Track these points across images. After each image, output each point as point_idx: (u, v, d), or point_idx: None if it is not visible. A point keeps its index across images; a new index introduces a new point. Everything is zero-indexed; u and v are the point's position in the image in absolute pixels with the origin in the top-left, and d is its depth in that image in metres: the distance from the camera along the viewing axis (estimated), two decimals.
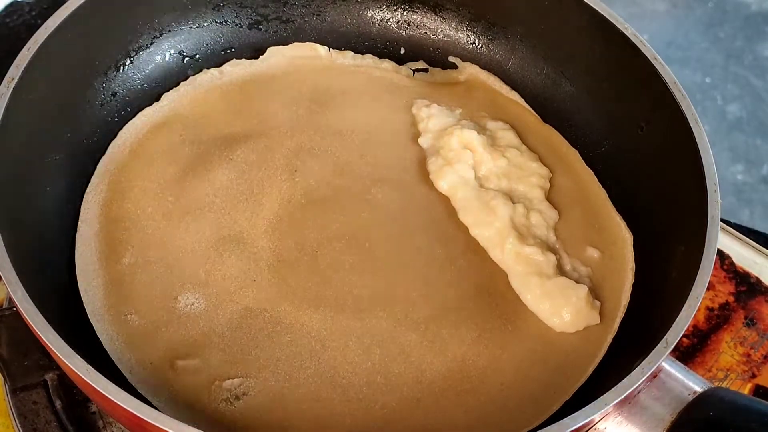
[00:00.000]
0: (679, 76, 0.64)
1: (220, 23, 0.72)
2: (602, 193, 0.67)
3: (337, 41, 0.74)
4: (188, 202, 0.63)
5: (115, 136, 0.66)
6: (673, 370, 0.55)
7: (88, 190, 0.63)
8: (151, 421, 0.46)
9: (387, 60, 0.74)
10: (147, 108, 0.68)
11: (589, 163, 0.69)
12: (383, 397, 0.56)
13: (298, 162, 0.65)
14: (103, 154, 0.65)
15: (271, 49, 0.72)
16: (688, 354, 0.71)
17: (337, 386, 0.56)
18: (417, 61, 0.74)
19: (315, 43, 0.73)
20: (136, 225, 0.62)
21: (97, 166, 0.64)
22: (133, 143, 0.66)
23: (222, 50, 0.72)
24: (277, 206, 0.63)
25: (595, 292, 0.61)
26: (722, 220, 0.59)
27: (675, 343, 0.52)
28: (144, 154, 0.65)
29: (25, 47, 0.60)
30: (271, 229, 0.62)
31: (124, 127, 0.67)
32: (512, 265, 0.62)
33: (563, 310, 0.60)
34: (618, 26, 0.66)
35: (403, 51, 0.75)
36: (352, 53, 0.73)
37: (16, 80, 0.58)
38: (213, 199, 0.63)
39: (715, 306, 0.74)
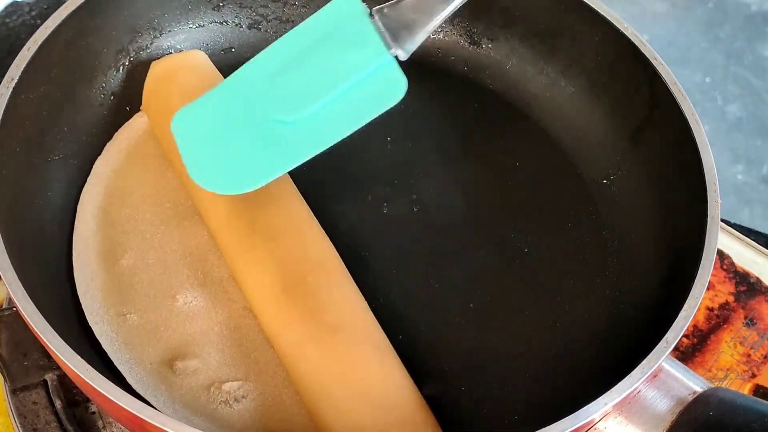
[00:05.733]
0: (679, 76, 0.64)
1: (220, 23, 0.73)
2: None
3: None
4: (186, 209, 0.63)
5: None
6: (673, 369, 0.55)
7: (84, 190, 0.63)
8: (151, 421, 0.46)
9: None
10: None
11: (590, 163, 0.69)
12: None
13: None
14: None
15: None
16: (688, 354, 0.71)
17: None
18: (416, 60, 0.74)
19: None
20: (135, 229, 0.61)
21: (93, 167, 0.64)
22: (129, 146, 0.66)
23: (222, 50, 0.73)
24: None
25: None
26: (722, 220, 0.60)
27: (675, 343, 0.52)
28: (140, 156, 0.65)
29: (24, 47, 0.60)
30: None
31: (120, 128, 0.67)
32: None
33: None
34: (618, 26, 0.66)
35: None
36: None
37: (16, 80, 0.58)
38: None
39: (715, 306, 0.74)
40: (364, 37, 0.56)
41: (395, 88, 0.56)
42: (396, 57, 0.56)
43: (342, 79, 0.56)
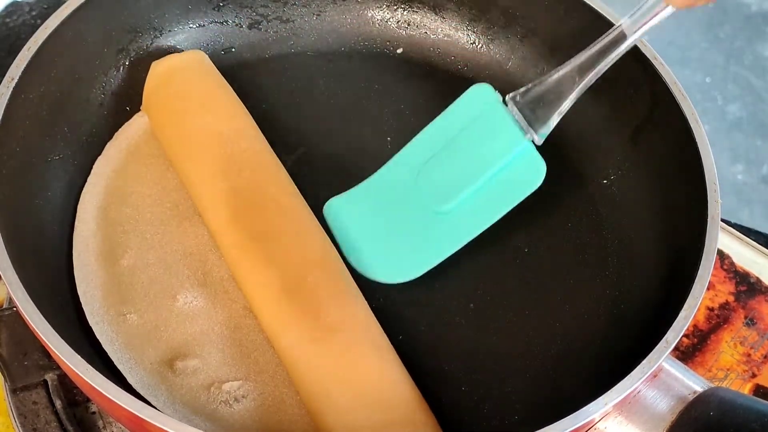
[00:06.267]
0: (679, 76, 0.64)
1: (220, 23, 0.72)
2: None
3: (337, 41, 0.74)
4: (186, 209, 0.63)
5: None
6: (674, 369, 0.55)
7: (85, 190, 0.63)
8: (151, 421, 0.46)
9: None
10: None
11: (590, 163, 0.69)
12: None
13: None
14: None
15: None
16: (688, 354, 0.71)
17: None
18: (416, 60, 0.74)
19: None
20: (135, 229, 0.61)
21: (94, 166, 0.64)
22: (130, 145, 0.66)
23: (222, 50, 0.72)
24: None
25: None
26: (722, 220, 0.59)
27: (675, 343, 0.52)
28: (140, 156, 0.65)
29: (25, 47, 0.60)
30: None
31: (120, 128, 0.67)
32: None
33: None
34: None
35: (400, 51, 0.75)
36: None
37: (16, 80, 0.58)
38: None
39: (715, 306, 0.74)
40: (501, 125, 0.60)
41: (535, 172, 0.60)
42: (532, 141, 0.60)
43: (486, 168, 0.60)
